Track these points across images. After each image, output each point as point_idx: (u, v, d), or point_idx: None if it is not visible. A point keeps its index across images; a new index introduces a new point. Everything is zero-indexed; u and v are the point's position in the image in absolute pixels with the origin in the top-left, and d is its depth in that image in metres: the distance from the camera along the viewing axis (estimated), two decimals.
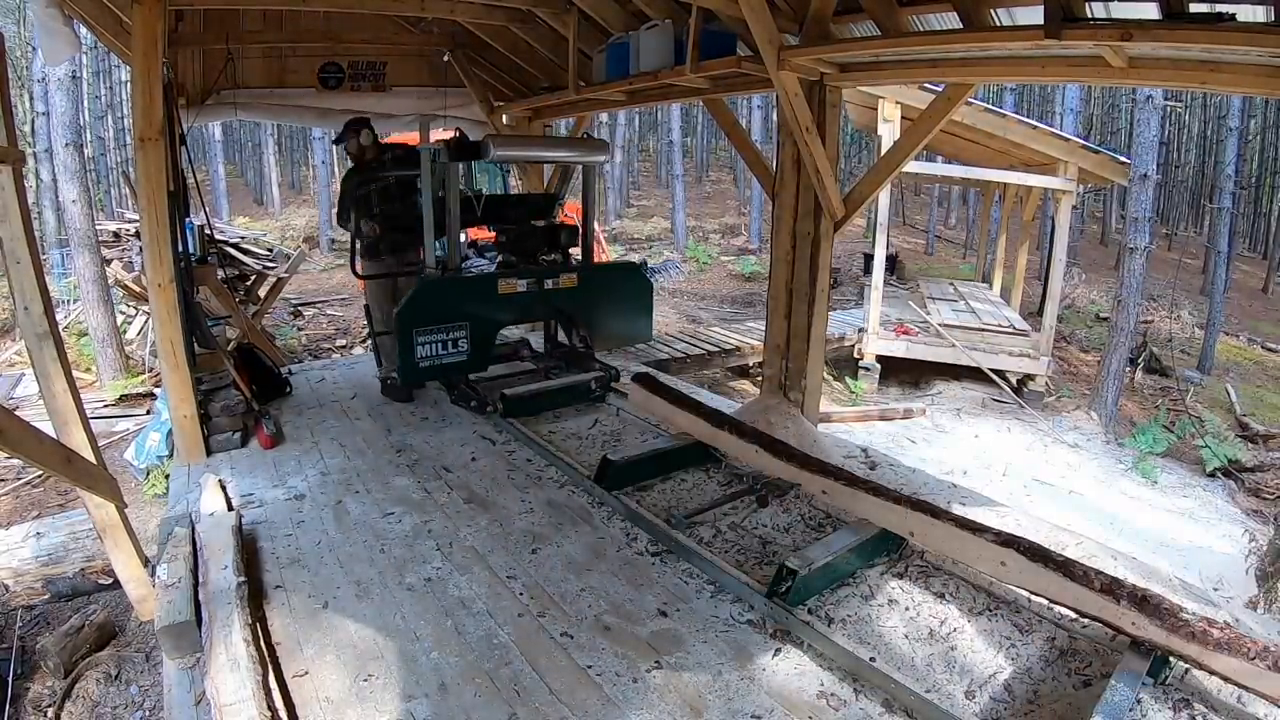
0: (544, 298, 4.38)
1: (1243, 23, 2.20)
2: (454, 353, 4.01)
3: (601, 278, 4.84)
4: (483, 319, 4.15)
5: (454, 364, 4.07)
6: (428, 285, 4.00)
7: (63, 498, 5.04)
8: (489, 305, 4.16)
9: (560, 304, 4.52)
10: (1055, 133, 8.86)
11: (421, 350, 3.90)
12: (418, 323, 3.88)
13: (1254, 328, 15.45)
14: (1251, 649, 1.87)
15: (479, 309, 4.11)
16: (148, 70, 3.18)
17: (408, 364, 3.91)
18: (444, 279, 4.11)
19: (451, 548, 2.84)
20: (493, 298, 4.17)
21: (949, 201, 26.58)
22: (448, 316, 3.98)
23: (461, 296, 4.10)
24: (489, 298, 4.16)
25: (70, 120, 7.85)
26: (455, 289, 4.12)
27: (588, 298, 4.55)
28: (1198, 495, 6.53)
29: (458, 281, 4.20)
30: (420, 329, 3.89)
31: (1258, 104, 19.65)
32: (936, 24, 3.25)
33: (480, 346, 4.15)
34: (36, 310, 2.61)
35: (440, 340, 3.95)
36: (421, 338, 3.89)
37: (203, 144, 21.85)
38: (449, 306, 4.01)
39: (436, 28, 5.72)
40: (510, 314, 4.38)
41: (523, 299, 4.28)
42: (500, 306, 4.22)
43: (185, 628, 2.25)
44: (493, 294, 4.17)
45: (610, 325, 4.73)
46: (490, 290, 4.19)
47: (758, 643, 2.30)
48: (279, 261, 7.77)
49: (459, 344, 4.02)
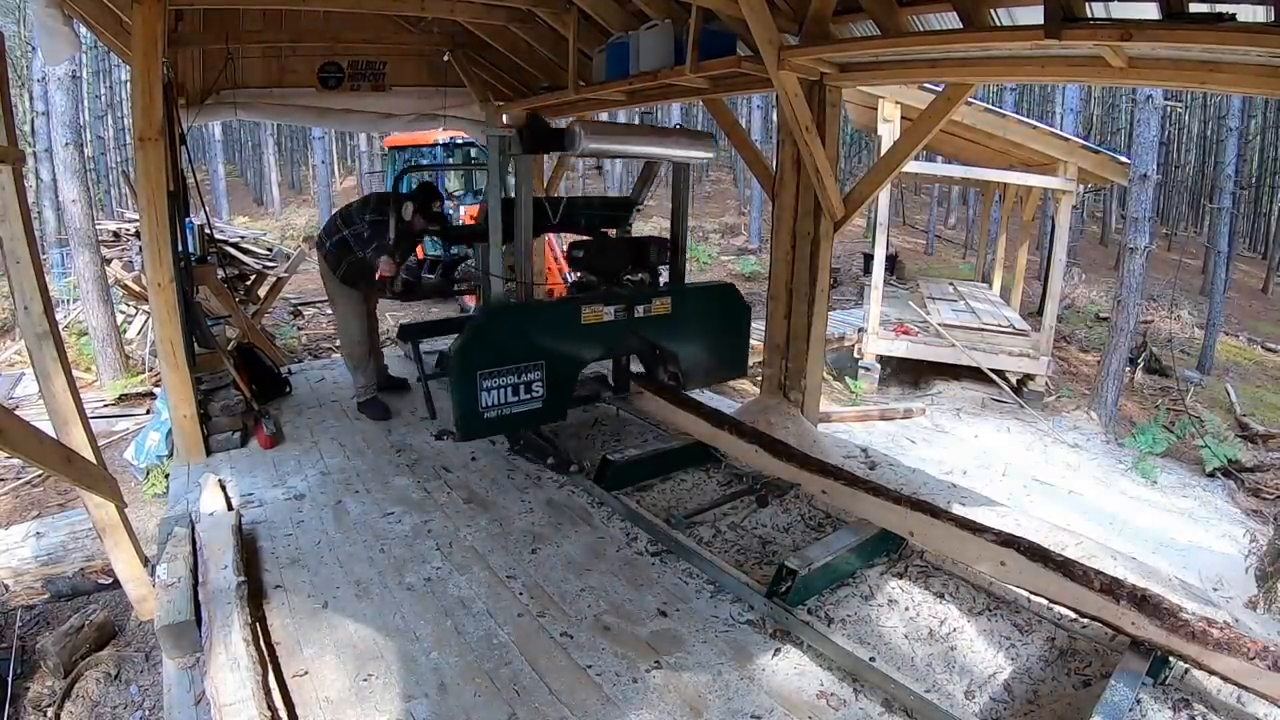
0: (633, 327, 3.65)
1: (1243, 23, 2.20)
2: (527, 399, 3.30)
3: (697, 302, 4.01)
4: (562, 356, 3.43)
5: (527, 413, 3.35)
6: (495, 315, 3.34)
7: (62, 497, 5.04)
8: (569, 339, 3.46)
9: (650, 334, 3.75)
10: (1055, 133, 8.85)
11: (487, 398, 3.19)
12: (482, 363, 3.17)
13: (1254, 328, 15.45)
14: (1251, 649, 1.87)
15: (557, 343, 3.41)
16: (148, 70, 3.18)
17: (470, 416, 3.19)
18: (514, 307, 3.43)
19: (451, 548, 2.84)
20: (574, 329, 3.46)
21: (949, 201, 26.57)
22: (520, 354, 3.27)
23: (536, 328, 3.38)
24: (569, 329, 3.45)
25: (70, 120, 7.84)
26: (528, 319, 3.41)
27: (681, 326, 3.83)
28: (1197, 495, 6.53)
29: (531, 310, 3.53)
30: (486, 371, 3.18)
31: (1258, 104, 19.64)
32: (936, 24, 3.24)
33: (558, 390, 3.42)
34: (36, 310, 2.61)
35: (510, 384, 3.24)
36: (487, 382, 3.19)
37: (203, 144, 21.85)
38: (521, 341, 3.31)
39: (436, 27, 5.72)
40: (594, 348, 3.62)
41: (609, 330, 3.57)
42: (583, 340, 3.51)
43: (185, 627, 2.25)
44: (574, 324, 3.46)
45: (704, 358, 3.98)
46: (571, 320, 3.47)
47: (757, 643, 2.30)
48: (279, 261, 7.77)
49: (533, 388, 3.30)
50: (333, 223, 4.26)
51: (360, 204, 4.21)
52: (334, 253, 4.16)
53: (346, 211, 4.22)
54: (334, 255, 4.16)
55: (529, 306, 3.54)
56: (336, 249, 4.14)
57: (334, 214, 4.40)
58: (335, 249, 4.15)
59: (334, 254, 4.16)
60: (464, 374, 3.16)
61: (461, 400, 3.18)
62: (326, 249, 4.19)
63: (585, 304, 3.52)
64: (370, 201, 4.16)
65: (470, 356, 3.18)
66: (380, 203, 4.09)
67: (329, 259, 4.19)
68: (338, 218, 4.26)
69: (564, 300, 4.04)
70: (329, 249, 4.17)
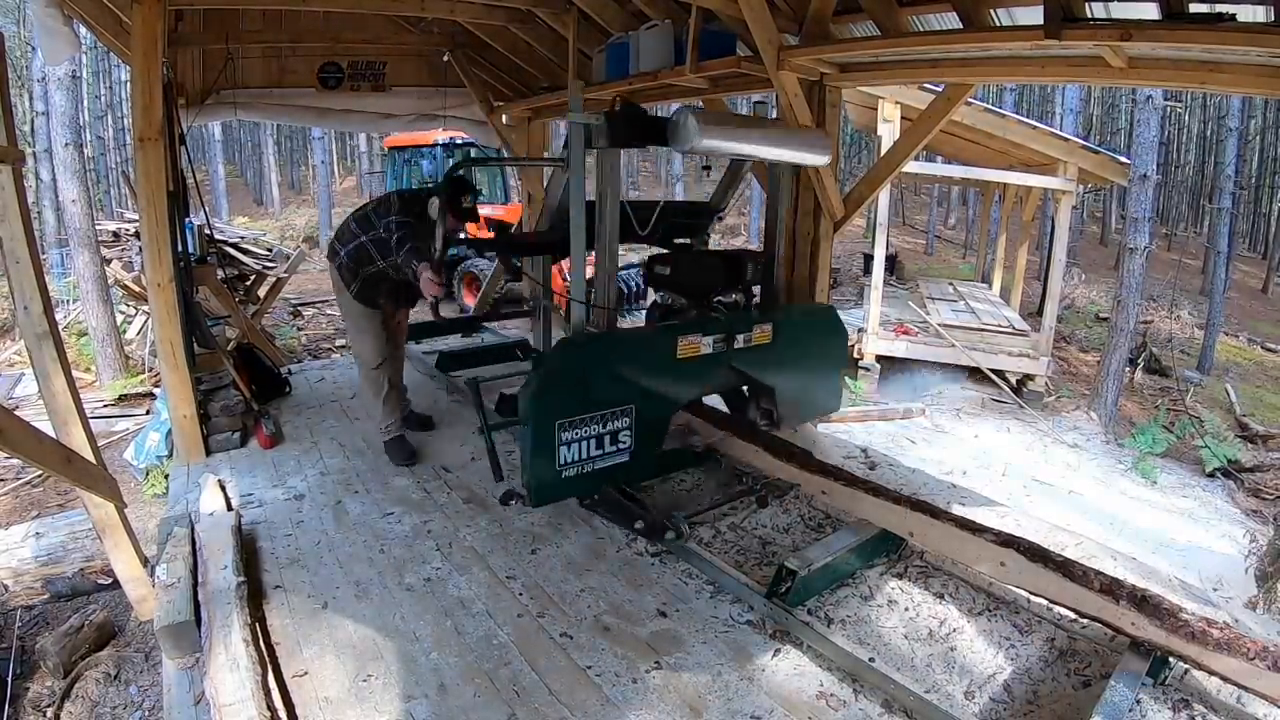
0: (730, 359, 3.06)
1: (1243, 23, 2.20)
2: (612, 452, 2.73)
3: (798, 327, 3.37)
4: (653, 398, 2.85)
5: (612, 469, 2.78)
6: (577, 350, 2.76)
7: (62, 497, 5.04)
8: (662, 376, 2.89)
9: (747, 367, 3.15)
10: (1055, 133, 8.86)
11: (566, 453, 2.61)
12: (562, 410, 2.59)
13: (1254, 328, 15.46)
14: (1251, 649, 1.87)
15: (649, 382, 2.83)
16: (147, 70, 3.18)
17: (545, 476, 2.63)
18: (599, 339, 2.83)
19: (451, 548, 2.84)
20: (667, 364, 2.89)
21: (949, 201, 26.58)
22: (606, 397, 2.69)
23: (625, 364, 2.79)
24: (662, 365, 2.88)
25: (70, 120, 7.85)
26: (616, 354, 2.80)
27: (781, 356, 3.25)
28: (1197, 495, 6.53)
29: (619, 342, 2.90)
30: (565, 420, 2.59)
31: (1258, 104, 19.66)
32: (936, 24, 3.25)
33: (649, 440, 2.86)
34: (36, 310, 2.61)
35: (594, 435, 2.66)
36: (567, 434, 2.60)
37: (202, 144, 21.86)
38: (607, 381, 2.71)
39: (436, 28, 5.72)
40: (689, 386, 3.05)
41: (706, 365, 2.98)
42: (677, 377, 2.93)
43: (185, 628, 2.25)
44: (668, 359, 2.89)
45: (802, 392, 3.39)
46: (665, 353, 2.89)
47: (757, 643, 2.30)
48: (279, 261, 7.77)
49: (620, 438, 2.72)
50: (346, 228, 3.61)
51: (380, 204, 3.56)
52: (349, 263, 3.53)
53: (363, 214, 3.60)
54: (349, 266, 3.53)
55: (616, 337, 2.88)
56: (352, 259, 3.52)
57: (348, 217, 3.70)
58: (351, 259, 3.52)
59: (349, 265, 3.53)
60: (540, 425, 2.53)
61: (535, 458, 2.58)
62: (340, 259, 3.56)
63: (681, 334, 2.90)
64: (392, 201, 3.50)
65: (547, 403, 2.54)
66: (407, 202, 3.46)
67: (342, 271, 3.56)
68: (352, 222, 3.61)
69: (657, 330, 3.27)
70: (343, 259, 3.54)
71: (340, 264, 3.57)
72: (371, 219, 3.49)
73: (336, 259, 3.60)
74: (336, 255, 3.61)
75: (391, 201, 3.49)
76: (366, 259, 3.50)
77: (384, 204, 3.53)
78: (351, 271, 3.54)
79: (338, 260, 3.59)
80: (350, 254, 3.53)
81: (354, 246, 3.51)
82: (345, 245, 3.55)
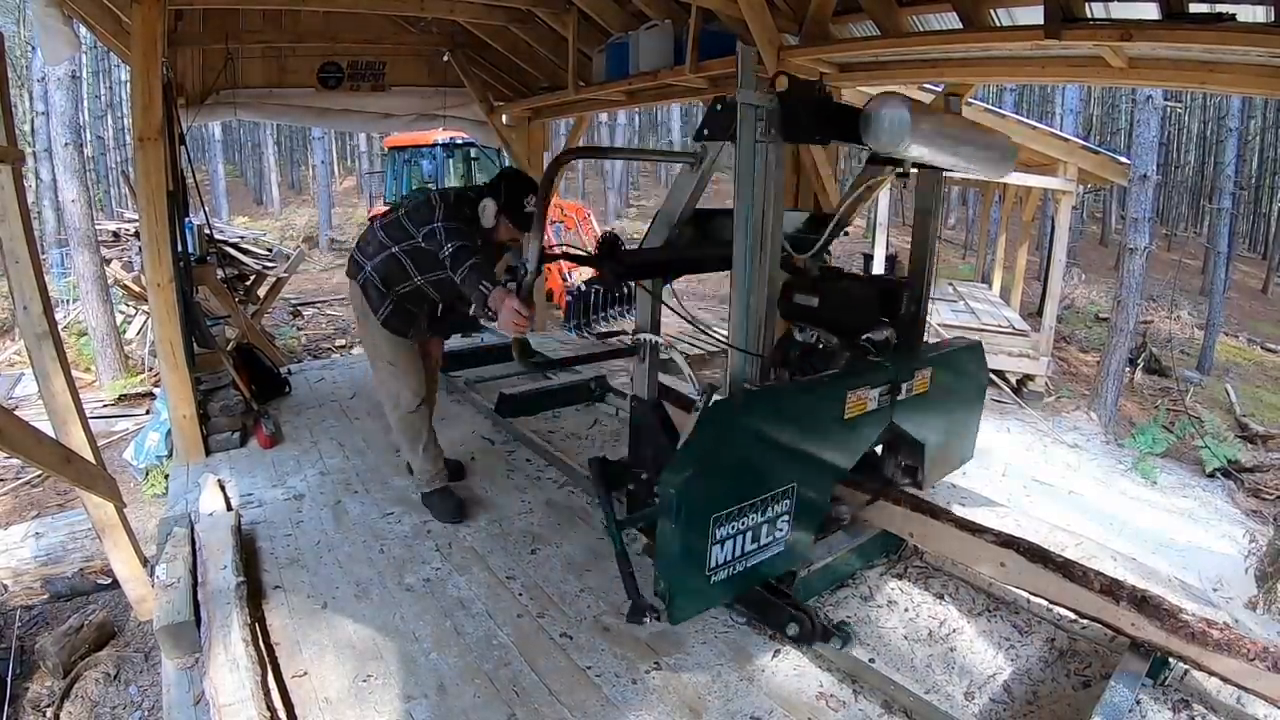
0: (892, 414, 2.42)
1: (1243, 23, 2.20)
2: (769, 542, 2.06)
3: (952, 369, 2.72)
4: (818, 469, 2.23)
5: (768, 561, 2.11)
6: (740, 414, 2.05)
7: (62, 497, 5.04)
8: (829, 440, 2.24)
9: (904, 421, 2.50)
10: (1055, 133, 8.87)
11: (719, 553, 1.94)
12: (718, 500, 1.90)
13: (1254, 328, 15.46)
14: (1251, 650, 1.87)
15: (815, 449, 2.20)
16: (147, 70, 3.18)
17: (691, 584, 1.95)
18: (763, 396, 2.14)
19: (451, 548, 2.84)
20: (835, 425, 2.23)
21: (949, 201, 26.57)
22: (769, 476, 2.02)
23: (792, 429, 2.11)
24: (830, 426, 2.22)
25: (70, 119, 7.86)
26: (784, 416, 2.09)
27: (933, 404, 2.61)
28: (1197, 495, 6.53)
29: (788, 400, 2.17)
30: (723, 515, 1.91)
31: (1258, 104, 19.65)
32: (936, 24, 3.25)
33: (808, 521, 2.21)
34: (35, 309, 2.61)
35: (752, 526, 1.98)
36: (722, 529, 1.92)
37: (202, 144, 21.86)
38: (774, 454, 2.05)
39: (436, 28, 5.72)
40: (852, 452, 2.36)
41: (869, 423, 2.34)
42: (843, 440, 2.29)
43: (184, 628, 2.25)
44: (837, 419, 2.22)
45: (947, 444, 2.76)
46: (834, 412, 2.21)
47: (757, 644, 2.30)
48: (278, 261, 7.77)
49: (779, 524, 2.06)
50: (372, 237, 2.90)
51: (419, 206, 2.79)
52: (377, 281, 2.85)
53: (394, 219, 2.86)
54: (376, 285, 2.86)
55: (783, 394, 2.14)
56: (381, 275, 2.84)
57: (374, 224, 2.98)
58: (379, 275, 2.84)
59: (376, 283, 2.85)
60: (690, 522, 1.85)
61: (682, 564, 1.90)
62: (365, 275, 2.87)
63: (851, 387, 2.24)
64: (434, 202, 2.74)
65: (703, 491, 1.84)
66: (454, 205, 2.73)
67: (368, 290, 2.87)
68: (379, 229, 2.89)
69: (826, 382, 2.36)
70: (369, 275, 2.86)
71: (365, 281, 2.87)
72: (405, 225, 2.78)
73: (360, 275, 2.89)
74: (360, 270, 2.89)
75: (433, 203, 2.74)
76: (399, 275, 2.84)
77: (423, 207, 2.77)
78: (380, 292, 2.86)
79: (362, 277, 2.88)
80: (379, 269, 2.85)
81: (383, 260, 2.84)
82: (371, 258, 2.86)
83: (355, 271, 2.95)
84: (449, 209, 2.70)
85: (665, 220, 2.40)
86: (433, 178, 10.82)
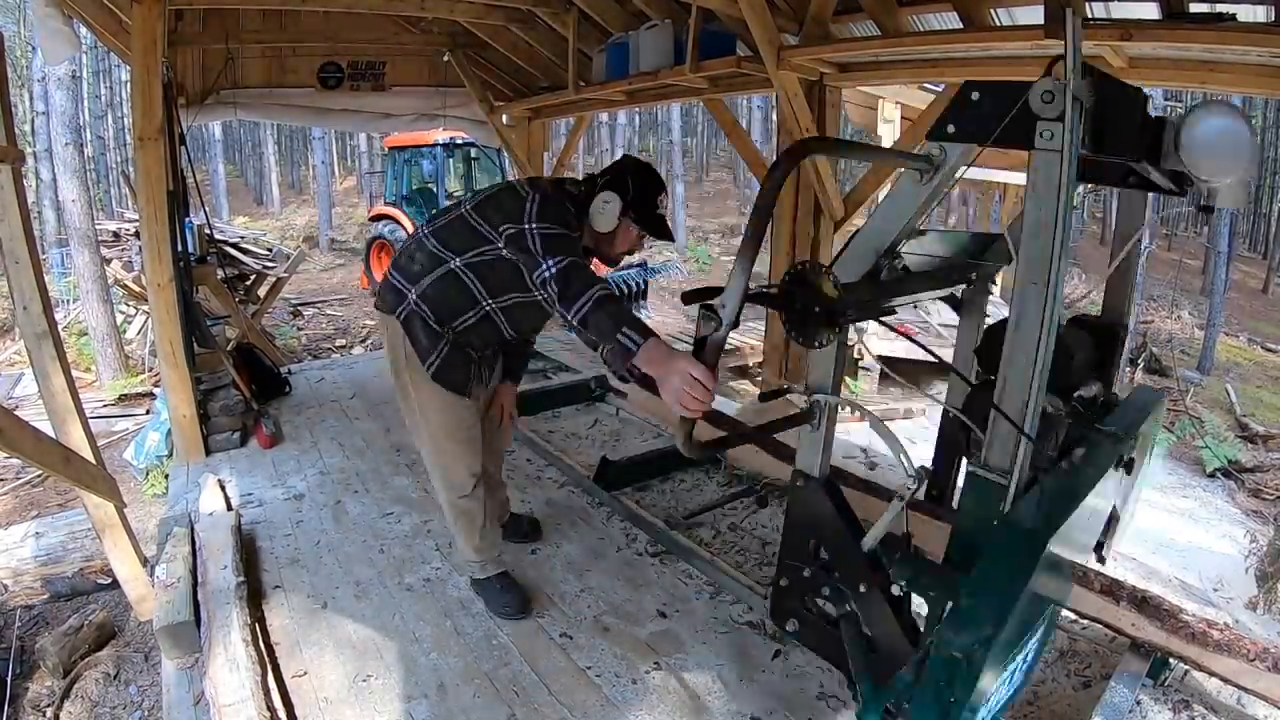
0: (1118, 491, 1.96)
1: (1243, 23, 2.20)
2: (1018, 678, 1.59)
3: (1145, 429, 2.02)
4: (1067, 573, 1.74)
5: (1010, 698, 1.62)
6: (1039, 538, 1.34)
7: (62, 497, 5.04)
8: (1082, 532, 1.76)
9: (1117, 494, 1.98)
10: None
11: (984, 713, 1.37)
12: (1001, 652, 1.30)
13: (1254, 328, 15.45)
14: (1251, 650, 1.87)
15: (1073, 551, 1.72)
16: (147, 70, 3.18)
17: None
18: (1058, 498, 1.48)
19: (451, 548, 2.83)
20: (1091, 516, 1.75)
21: (949, 201, 26.55)
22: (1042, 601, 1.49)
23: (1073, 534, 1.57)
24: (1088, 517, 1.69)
25: (70, 119, 7.86)
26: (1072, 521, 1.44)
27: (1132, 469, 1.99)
28: (1198, 495, 6.52)
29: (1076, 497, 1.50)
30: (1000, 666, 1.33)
31: (1258, 104, 19.65)
32: (936, 24, 3.25)
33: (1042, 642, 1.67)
34: (35, 309, 2.61)
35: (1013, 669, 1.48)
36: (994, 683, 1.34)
37: (203, 144, 21.85)
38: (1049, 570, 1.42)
39: (436, 27, 5.73)
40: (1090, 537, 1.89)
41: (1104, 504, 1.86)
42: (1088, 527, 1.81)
43: (184, 628, 2.25)
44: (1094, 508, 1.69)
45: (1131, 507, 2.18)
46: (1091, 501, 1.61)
47: (757, 644, 2.30)
48: (279, 261, 7.77)
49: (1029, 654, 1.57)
50: (421, 248, 2.08)
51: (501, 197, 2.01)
52: (426, 316, 2.06)
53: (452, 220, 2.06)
54: (425, 320, 2.06)
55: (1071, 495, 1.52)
56: (433, 305, 2.05)
57: (413, 238, 2.15)
58: (431, 305, 2.05)
59: (426, 318, 2.06)
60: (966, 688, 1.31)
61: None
62: (410, 307, 2.06)
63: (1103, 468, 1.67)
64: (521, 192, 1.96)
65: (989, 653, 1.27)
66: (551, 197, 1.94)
67: (415, 329, 2.07)
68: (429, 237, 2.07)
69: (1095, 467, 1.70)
70: (414, 307, 2.06)
71: (408, 316, 2.06)
72: (475, 224, 1.98)
73: (401, 308, 2.07)
74: (401, 301, 2.07)
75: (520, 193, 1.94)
76: (460, 302, 2.05)
77: (505, 198, 1.98)
78: (432, 332, 2.05)
79: (403, 310, 2.06)
80: (431, 295, 2.04)
81: (437, 281, 2.02)
82: (418, 281, 2.04)
83: (394, 303, 2.08)
84: (545, 204, 1.89)
85: (873, 244, 1.70)
86: (433, 178, 10.83)
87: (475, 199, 2.09)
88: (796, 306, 1.47)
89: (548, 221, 1.86)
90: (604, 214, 2.00)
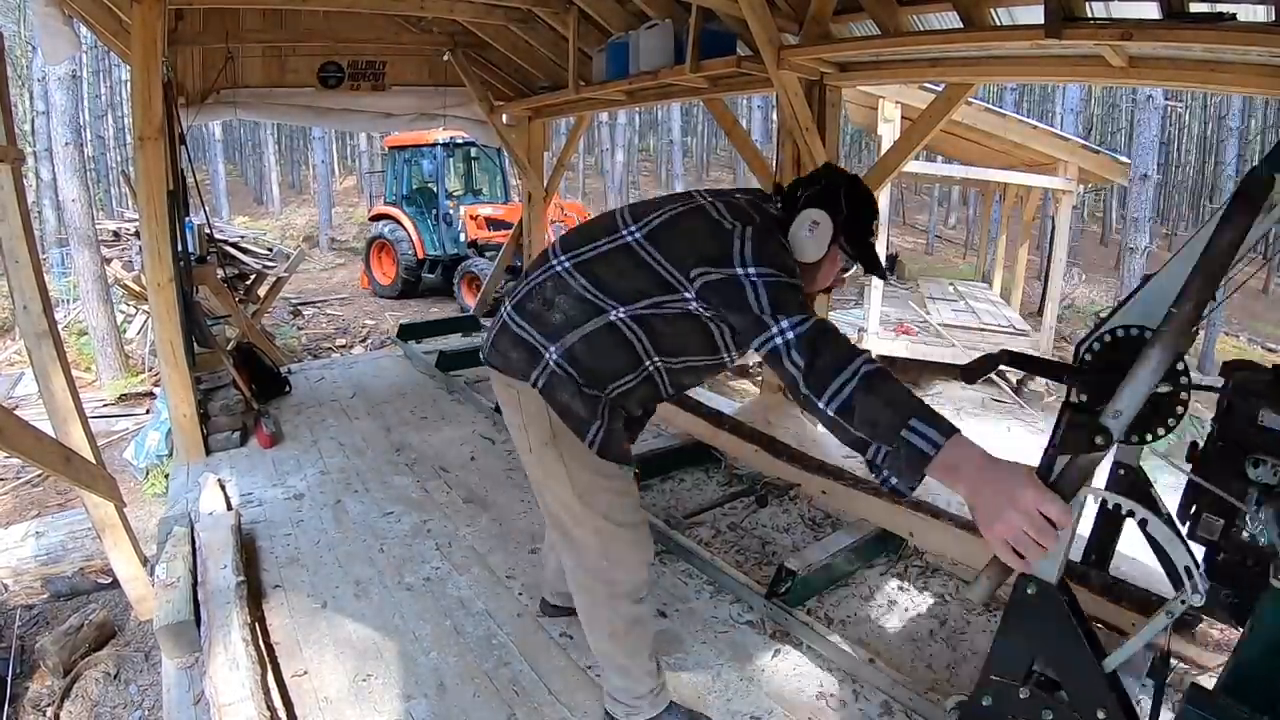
0: None
1: (1243, 22, 2.19)
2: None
3: None
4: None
5: None
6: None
7: (62, 497, 5.04)
8: None
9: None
10: (1055, 133, 8.86)
11: None
12: None
13: (1254, 328, 15.46)
14: None
15: None
16: (147, 69, 3.18)
17: None
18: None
19: (451, 547, 2.84)
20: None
21: (949, 201, 26.59)
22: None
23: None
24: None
25: (70, 119, 7.85)
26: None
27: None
28: None
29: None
30: None
31: (1258, 104, 19.67)
32: (936, 23, 3.24)
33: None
34: (35, 309, 2.61)
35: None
36: None
37: (203, 143, 21.86)
38: None
39: (436, 27, 5.73)
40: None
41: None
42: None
43: (184, 627, 2.25)
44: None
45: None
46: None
47: (757, 643, 2.30)
48: (279, 261, 7.77)
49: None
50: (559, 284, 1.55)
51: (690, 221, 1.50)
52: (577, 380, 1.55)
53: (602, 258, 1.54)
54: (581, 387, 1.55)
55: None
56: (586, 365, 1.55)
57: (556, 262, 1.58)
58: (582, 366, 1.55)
59: (578, 382, 1.55)
60: None
61: None
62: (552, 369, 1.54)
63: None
64: (717, 214, 1.48)
65: None
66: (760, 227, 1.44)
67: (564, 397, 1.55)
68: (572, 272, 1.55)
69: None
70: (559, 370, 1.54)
71: (552, 383, 1.55)
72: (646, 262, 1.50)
73: (539, 371, 1.55)
74: (538, 361, 1.55)
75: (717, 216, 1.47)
76: (624, 361, 1.57)
77: (698, 222, 1.49)
78: (587, 399, 1.56)
79: (542, 374, 1.55)
80: (578, 355, 1.54)
81: (591, 337, 1.53)
82: (559, 338, 1.54)
83: (525, 365, 1.56)
84: (764, 240, 1.41)
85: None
86: (433, 177, 10.83)
87: (644, 222, 1.54)
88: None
89: (771, 267, 1.36)
90: (813, 239, 1.51)
